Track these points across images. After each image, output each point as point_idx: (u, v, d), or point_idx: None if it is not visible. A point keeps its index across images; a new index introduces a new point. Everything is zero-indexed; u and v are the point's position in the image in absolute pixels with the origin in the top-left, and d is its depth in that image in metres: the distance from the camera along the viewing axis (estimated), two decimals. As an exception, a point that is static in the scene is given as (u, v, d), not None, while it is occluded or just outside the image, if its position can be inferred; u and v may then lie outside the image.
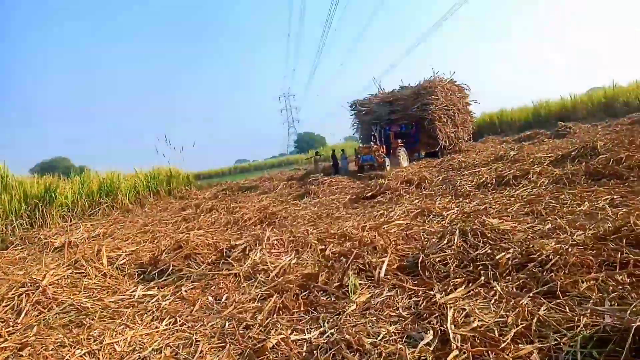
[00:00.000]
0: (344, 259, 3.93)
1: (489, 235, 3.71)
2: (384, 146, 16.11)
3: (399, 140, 16.46)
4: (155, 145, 19.85)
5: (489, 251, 3.37)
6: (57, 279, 3.99)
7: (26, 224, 12.09)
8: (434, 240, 4.08)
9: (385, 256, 3.83)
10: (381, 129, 16.95)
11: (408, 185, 9.52)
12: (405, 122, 17.25)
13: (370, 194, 9.27)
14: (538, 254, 3.07)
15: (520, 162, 9.96)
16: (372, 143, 16.40)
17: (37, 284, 3.71)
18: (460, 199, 7.32)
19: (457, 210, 6.10)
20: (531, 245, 3.24)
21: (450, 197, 7.75)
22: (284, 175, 24.18)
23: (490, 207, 5.81)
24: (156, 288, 4.15)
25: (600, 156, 7.33)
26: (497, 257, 3.20)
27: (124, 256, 5.36)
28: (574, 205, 5.19)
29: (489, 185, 7.96)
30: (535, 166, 8.38)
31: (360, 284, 3.37)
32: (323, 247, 4.71)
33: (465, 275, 3.19)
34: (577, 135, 17.76)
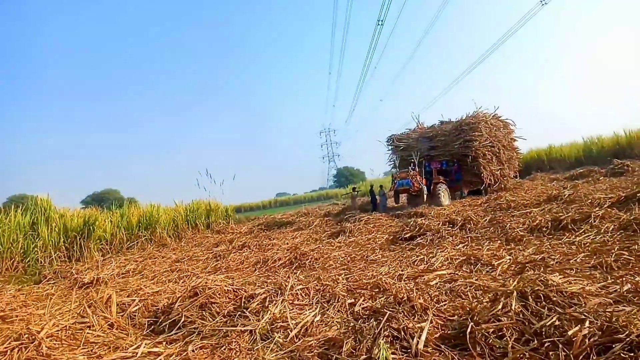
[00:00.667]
0: (374, 321, 3.32)
1: (555, 298, 3.03)
2: (424, 179, 15.39)
3: (440, 177, 15.70)
4: (197, 179, 20.03)
5: (558, 322, 2.69)
6: (58, 330, 3.62)
7: (64, 257, 12.21)
8: (485, 303, 3.42)
9: (426, 319, 3.21)
10: (421, 164, 16.27)
11: (451, 227, 8.79)
12: (446, 158, 16.44)
13: (409, 234, 8.60)
14: (625, 331, 2.37)
15: (576, 203, 9.03)
16: (410, 168, 15.70)
17: (34, 337, 3.33)
18: (512, 245, 6.54)
19: (510, 259, 5.36)
20: (614, 319, 2.53)
21: (499, 241, 6.98)
22: (321, 210, 23.76)
23: (548, 257, 5.05)
24: (163, 343, 3.68)
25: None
26: (570, 332, 2.52)
27: (137, 302, 4.95)
28: (652, 259, 4.39)
29: (544, 229, 7.13)
30: (596, 208, 7.50)
31: (393, 358, 2.75)
32: (353, 300, 4.12)
33: (527, 355, 2.52)
34: (637, 174, 16.41)
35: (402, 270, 5.55)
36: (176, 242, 15.69)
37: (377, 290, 4.57)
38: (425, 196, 14.45)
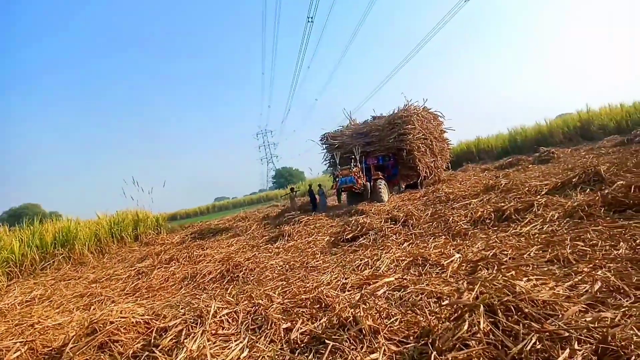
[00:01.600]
0: (315, 355, 2.65)
1: (527, 310, 2.53)
2: (365, 177, 15.03)
3: (379, 173, 15.41)
4: (122, 187, 18.39)
5: (539, 345, 2.17)
6: None
7: (-36, 285, 10.53)
8: (444, 318, 2.87)
9: (377, 349, 2.59)
10: (360, 161, 15.91)
11: (393, 223, 8.36)
12: (382, 153, 16.21)
13: (351, 235, 8.05)
14: (629, 355, 1.88)
15: (514, 192, 8.98)
16: (352, 165, 15.24)
17: None
18: (457, 240, 6.17)
19: (459, 257, 4.93)
20: (609, 337, 2.04)
21: (444, 237, 6.61)
22: (260, 212, 22.83)
23: (500, 253, 4.66)
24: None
25: (617, 183, 6.30)
26: (560, 358, 2.00)
27: (20, 346, 3.92)
28: (608, 248, 4.11)
29: (487, 221, 6.86)
30: (537, 197, 7.39)
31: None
32: (289, 324, 3.42)
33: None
34: (562, 160, 17.17)
35: (345, 278, 4.95)
36: (97, 259, 14.17)
37: (318, 306, 3.91)
38: (369, 192, 14.07)
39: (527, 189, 8.88)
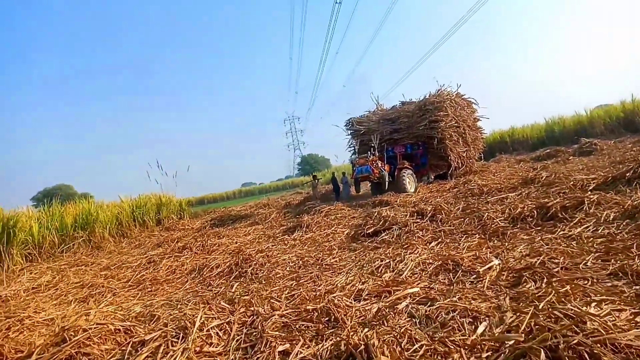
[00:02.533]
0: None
1: (604, 357, 1.80)
2: (387, 165, 14.21)
3: (405, 162, 14.54)
4: (147, 171, 18.14)
5: None
6: None
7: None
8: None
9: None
10: (383, 149, 15.03)
11: (420, 218, 7.59)
12: (411, 141, 15.29)
13: (372, 229, 7.35)
14: None
15: (557, 186, 8.05)
16: (369, 152, 14.38)
17: None
18: (494, 241, 5.38)
19: (498, 263, 4.17)
20: None
21: (478, 236, 5.83)
22: (284, 200, 22.43)
23: (548, 261, 3.87)
24: None
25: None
26: None
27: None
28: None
29: (529, 219, 6.02)
30: (587, 193, 6.48)
31: None
32: (288, 346, 2.79)
33: None
34: (605, 152, 15.89)
35: (362, 282, 4.28)
36: (117, 243, 14.01)
37: (326, 319, 3.27)
38: (387, 183, 13.23)
39: (572, 183, 7.94)
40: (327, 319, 3.27)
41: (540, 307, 2.74)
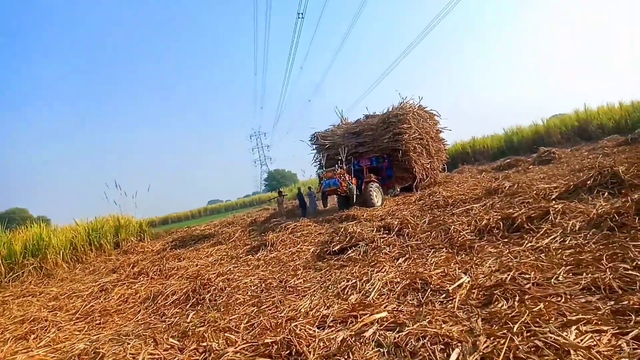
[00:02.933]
0: None
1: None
2: (354, 178, 14.07)
3: (372, 175, 14.46)
4: (105, 192, 17.30)
5: None
6: None
7: None
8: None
9: None
10: (349, 162, 14.90)
11: (387, 232, 7.41)
12: (376, 154, 15.28)
13: (338, 246, 7.09)
14: None
15: (520, 196, 8.06)
16: (337, 166, 14.13)
17: None
18: (462, 255, 5.23)
19: (468, 279, 3.99)
20: None
21: (445, 250, 5.68)
22: (250, 217, 21.92)
23: (519, 276, 3.71)
24: None
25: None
26: None
27: None
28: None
29: (495, 230, 5.93)
30: (551, 202, 6.47)
31: None
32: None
33: None
34: (564, 161, 16.35)
35: (327, 307, 4.00)
36: (70, 269, 13.19)
37: (287, 353, 2.97)
38: (355, 197, 13.07)
39: (534, 192, 7.97)
40: (287, 352, 2.97)
41: (515, 329, 2.55)
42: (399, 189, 16.29)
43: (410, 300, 3.85)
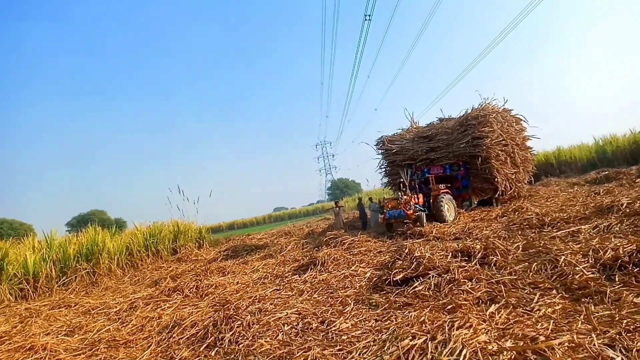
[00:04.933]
0: None
1: None
2: (420, 195, 12.27)
3: (442, 185, 12.61)
4: (168, 197, 17.06)
5: None
6: None
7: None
8: None
9: None
10: (415, 172, 13.13)
11: (466, 260, 5.72)
12: (450, 161, 13.39)
13: (401, 275, 5.52)
14: None
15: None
16: (400, 193, 12.34)
17: None
18: (588, 304, 3.48)
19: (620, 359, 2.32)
20: None
21: (557, 293, 3.93)
22: (309, 226, 20.83)
23: None
24: None
25: None
26: None
27: None
28: None
29: (630, 267, 4.08)
30: None
31: None
32: None
33: None
34: (681, 175, 13.43)
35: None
36: (123, 275, 12.71)
37: None
38: (424, 219, 11.21)
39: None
40: None
41: None
42: (476, 202, 14.18)
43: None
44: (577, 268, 4.40)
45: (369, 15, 23.02)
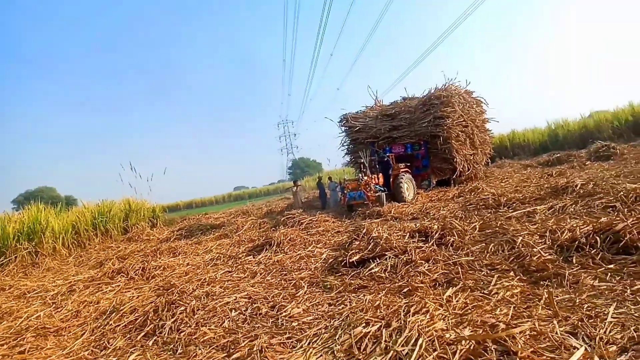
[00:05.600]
0: None
1: None
2: (380, 174, 12.15)
3: (402, 165, 12.58)
4: (120, 173, 16.06)
5: None
6: None
7: None
8: None
9: None
10: (376, 151, 12.93)
11: (423, 240, 5.56)
12: (412, 140, 13.35)
13: (358, 256, 5.29)
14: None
15: (602, 197, 6.10)
16: (360, 174, 12.18)
17: None
18: (548, 288, 3.36)
19: (584, 348, 2.16)
20: None
21: (516, 276, 3.81)
22: (268, 206, 20.45)
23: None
24: None
25: None
26: None
27: None
28: None
29: (588, 249, 4.01)
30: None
31: None
32: None
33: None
34: (627, 157, 13.91)
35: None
36: (66, 256, 11.90)
37: None
38: (384, 200, 11.09)
39: (621, 193, 5.96)
40: None
41: None
42: (434, 182, 14.24)
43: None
44: (535, 249, 4.31)
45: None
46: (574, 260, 3.91)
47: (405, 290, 3.85)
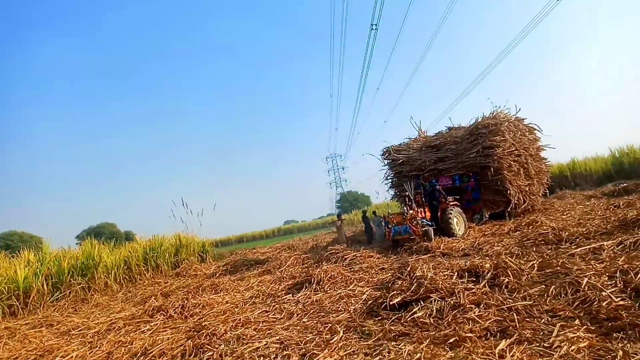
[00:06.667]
0: None
1: None
2: (427, 208, 11.56)
3: (451, 198, 11.91)
4: (172, 209, 16.41)
5: None
6: None
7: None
8: None
9: None
10: (422, 184, 12.45)
11: (473, 281, 5.06)
12: (460, 172, 12.69)
13: (399, 298, 4.87)
14: None
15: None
16: (405, 208, 11.59)
17: None
18: (621, 341, 2.83)
19: None
20: None
21: (582, 324, 3.28)
22: (315, 240, 20.28)
23: None
24: None
25: None
26: None
27: None
28: None
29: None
30: None
31: None
32: None
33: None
34: None
35: None
36: (116, 292, 12.16)
37: None
38: (432, 235, 10.43)
39: None
40: None
41: None
42: (487, 215, 13.43)
43: None
44: (604, 293, 3.73)
45: (375, 25, 22.58)
46: (649, 306, 3.32)
47: (451, 340, 3.40)
